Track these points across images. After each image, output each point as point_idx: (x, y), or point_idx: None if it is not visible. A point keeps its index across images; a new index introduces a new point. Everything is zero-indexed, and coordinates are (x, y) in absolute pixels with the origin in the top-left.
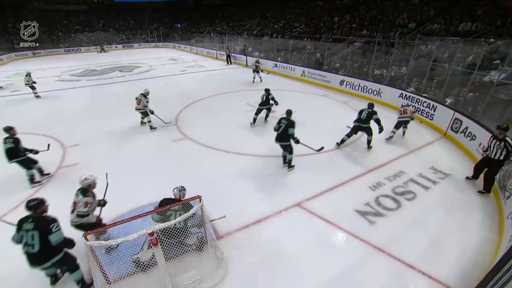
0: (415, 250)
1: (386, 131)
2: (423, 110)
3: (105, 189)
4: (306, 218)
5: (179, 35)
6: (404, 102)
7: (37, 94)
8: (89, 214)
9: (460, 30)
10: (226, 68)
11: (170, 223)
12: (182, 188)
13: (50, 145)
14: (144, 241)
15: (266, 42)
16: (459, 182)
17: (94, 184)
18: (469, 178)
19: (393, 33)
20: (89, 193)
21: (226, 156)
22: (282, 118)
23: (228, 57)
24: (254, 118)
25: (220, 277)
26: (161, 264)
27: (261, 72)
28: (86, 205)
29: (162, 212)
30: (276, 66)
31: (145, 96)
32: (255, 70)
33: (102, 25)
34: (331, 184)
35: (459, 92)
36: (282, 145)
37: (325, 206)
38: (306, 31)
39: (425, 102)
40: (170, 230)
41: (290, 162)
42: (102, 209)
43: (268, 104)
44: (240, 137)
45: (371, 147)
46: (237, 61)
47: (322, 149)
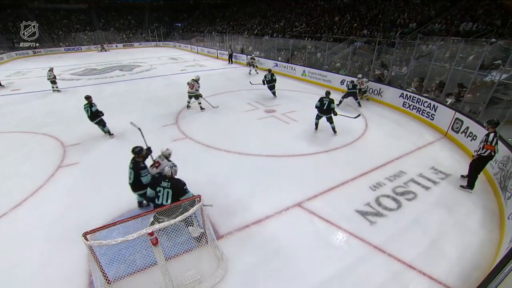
0: (415, 250)
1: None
2: (424, 110)
3: (141, 135)
4: (307, 218)
5: (180, 35)
6: (360, 75)
7: (57, 88)
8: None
9: (461, 30)
10: (227, 67)
11: (170, 223)
12: (174, 165)
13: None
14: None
15: (267, 41)
16: (460, 182)
17: (170, 155)
18: (464, 176)
19: (393, 33)
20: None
21: (227, 155)
22: (323, 98)
23: (230, 56)
24: (273, 93)
25: (220, 276)
26: (161, 263)
27: (252, 67)
28: (156, 165)
29: (155, 190)
30: (276, 66)
31: (197, 81)
32: (251, 64)
33: (102, 24)
34: (332, 184)
35: (460, 92)
36: (327, 117)
37: (325, 206)
38: (306, 31)
39: (425, 102)
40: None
41: (334, 128)
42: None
43: (273, 82)
44: (240, 136)
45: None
46: (237, 60)
47: (359, 116)
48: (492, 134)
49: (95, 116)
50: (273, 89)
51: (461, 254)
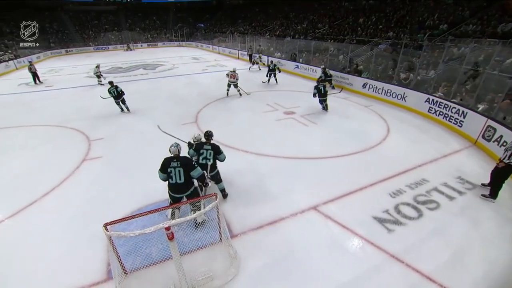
0: (436, 262)
1: None
2: (452, 116)
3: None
4: (322, 221)
5: (202, 35)
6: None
7: (101, 82)
8: None
9: (498, 31)
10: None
11: (186, 219)
12: (177, 144)
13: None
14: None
15: (288, 43)
16: (481, 191)
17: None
18: (484, 185)
19: (421, 35)
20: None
21: (244, 155)
22: (319, 85)
23: (250, 56)
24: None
25: (232, 275)
26: (175, 258)
27: (256, 64)
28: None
29: (166, 172)
30: (297, 68)
31: (235, 71)
32: (256, 62)
33: (129, 24)
34: (349, 188)
35: (494, 98)
36: (325, 99)
37: (341, 210)
38: (329, 32)
39: (454, 107)
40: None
41: (327, 106)
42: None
43: (274, 70)
44: (258, 137)
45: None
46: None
47: (341, 91)
48: None
49: (120, 95)
50: (274, 76)
51: (486, 270)
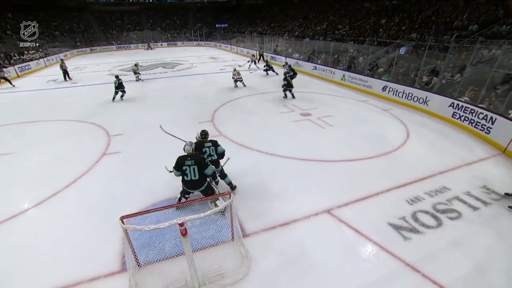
0: (455, 274)
1: None
2: (478, 122)
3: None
4: (335, 225)
5: (221, 35)
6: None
7: (139, 78)
8: None
9: None
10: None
11: (200, 216)
12: (191, 143)
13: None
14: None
15: (307, 43)
16: (508, 202)
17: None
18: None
19: (448, 36)
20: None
21: (259, 155)
22: (287, 77)
23: (261, 56)
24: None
25: (242, 274)
26: (188, 254)
27: (254, 64)
28: None
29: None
30: (315, 69)
31: (238, 70)
32: (253, 60)
33: (150, 24)
34: (364, 193)
35: None
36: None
37: (356, 215)
38: (349, 34)
39: (481, 113)
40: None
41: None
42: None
43: (270, 68)
44: (273, 137)
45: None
46: (275, 62)
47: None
48: None
49: (120, 86)
50: (269, 70)
51: (510, 286)
